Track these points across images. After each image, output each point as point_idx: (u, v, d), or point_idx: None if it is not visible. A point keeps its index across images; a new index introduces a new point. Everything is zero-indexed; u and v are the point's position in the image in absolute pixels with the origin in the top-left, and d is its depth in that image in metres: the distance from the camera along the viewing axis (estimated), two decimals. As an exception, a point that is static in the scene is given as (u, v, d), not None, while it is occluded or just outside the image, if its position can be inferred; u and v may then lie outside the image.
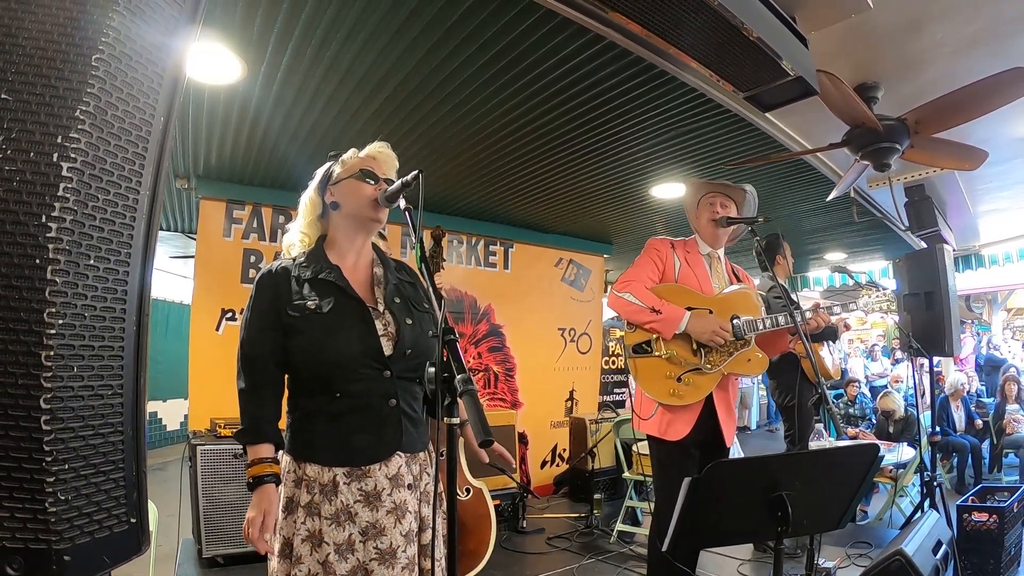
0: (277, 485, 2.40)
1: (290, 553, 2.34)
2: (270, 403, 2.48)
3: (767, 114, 4.64)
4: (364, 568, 2.32)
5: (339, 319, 2.46)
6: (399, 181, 2.40)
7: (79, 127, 1.23)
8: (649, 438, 3.91)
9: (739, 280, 4.20)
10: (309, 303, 2.44)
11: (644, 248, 4.12)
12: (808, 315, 4.12)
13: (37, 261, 1.18)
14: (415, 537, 2.47)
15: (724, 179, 4.21)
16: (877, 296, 4.35)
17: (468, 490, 5.02)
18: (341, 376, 2.41)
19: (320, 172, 2.71)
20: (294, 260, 2.58)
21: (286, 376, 2.54)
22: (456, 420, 1.89)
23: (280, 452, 2.49)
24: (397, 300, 2.61)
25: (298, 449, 2.44)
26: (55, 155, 1.21)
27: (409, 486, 2.49)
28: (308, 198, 2.68)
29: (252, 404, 2.46)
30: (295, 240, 2.66)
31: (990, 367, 14.71)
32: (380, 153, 2.70)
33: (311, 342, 2.41)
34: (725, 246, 4.23)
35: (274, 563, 2.38)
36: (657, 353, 3.80)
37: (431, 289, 2.16)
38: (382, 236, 2.88)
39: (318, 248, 2.62)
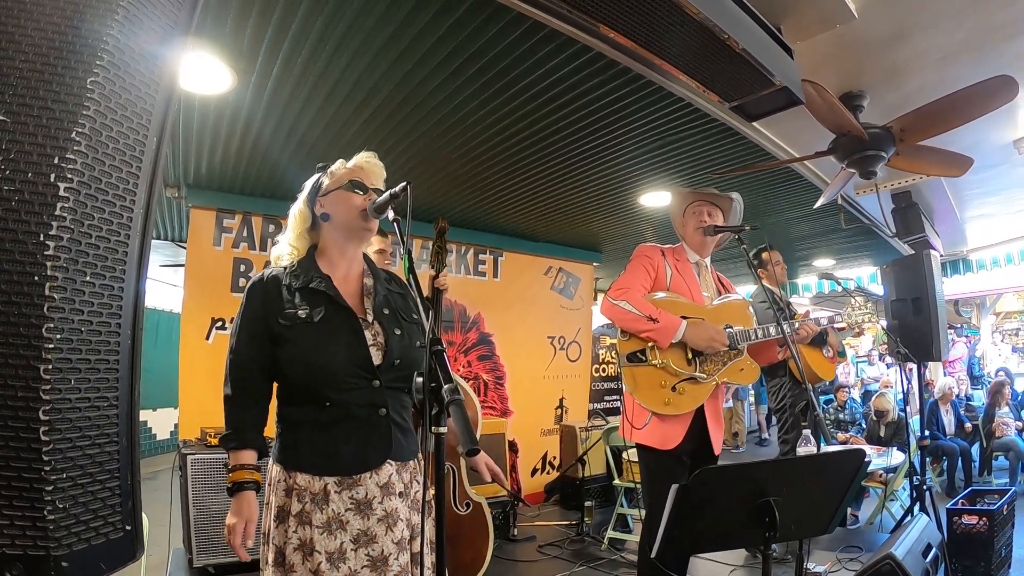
0: (257, 492, 2.43)
1: (283, 562, 2.33)
2: (254, 410, 2.50)
3: (753, 123, 4.68)
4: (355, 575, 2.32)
5: (328, 328, 2.46)
6: (388, 192, 2.41)
7: (75, 148, 1.26)
8: (639, 447, 3.91)
9: (725, 289, 4.22)
10: (299, 312, 2.44)
11: (634, 255, 4.10)
12: (796, 325, 4.17)
13: (36, 278, 1.21)
14: (407, 545, 2.47)
15: (711, 187, 4.23)
16: (860, 310, 4.39)
17: (468, 504, 5.02)
18: (330, 385, 2.41)
19: (309, 184, 2.71)
20: (285, 269, 2.58)
21: (275, 385, 2.55)
22: (444, 429, 1.90)
23: (266, 460, 2.49)
24: (386, 311, 2.62)
25: (287, 459, 2.43)
26: (52, 175, 1.24)
27: (400, 494, 2.49)
28: (297, 210, 2.68)
29: (236, 410, 2.48)
30: (283, 252, 2.67)
31: (972, 377, 14.80)
32: (367, 163, 2.72)
33: (300, 351, 2.41)
34: (711, 253, 4.24)
35: (268, 573, 2.36)
36: (652, 362, 3.79)
37: (419, 299, 2.18)
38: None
39: (309, 257, 2.62)
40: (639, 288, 3.89)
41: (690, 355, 3.83)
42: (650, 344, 3.80)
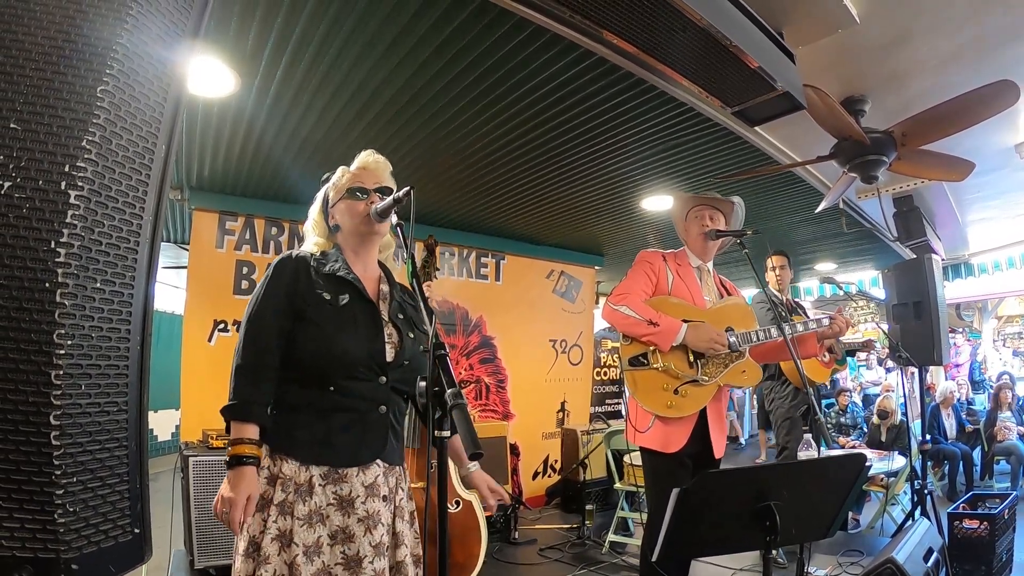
0: (257, 468, 2.35)
1: (255, 552, 2.31)
2: (266, 385, 2.43)
3: (756, 127, 4.69)
4: (329, 572, 2.32)
5: (351, 316, 2.50)
6: (391, 197, 2.43)
7: (86, 156, 1.28)
8: (643, 450, 3.92)
9: (728, 293, 4.23)
10: (325, 295, 2.48)
11: (636, 260, 4.12)
12: (826, 321, 4.18)
13: (47, 285, 1.23)
14: (385, 551, 2.47)
15: (712, 191, 4.24)
16: (861, 310, 4.43)
17: (458, 502, 5.02)
18: (341, 372, 2.43)
19: (319, 197, 2.77)
20: (311, 254, 2.61)
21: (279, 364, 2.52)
22: (446, 433, 1.91)
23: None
24: (400, 316, 2.66)
25: (278, 441, 2.41)
26: (63, 183, 1.26)
27: (384, 497, 2.51)
28: (313, 221, 2.75)
29: (248, 382, 2.41)
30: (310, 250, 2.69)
31: (973, 382, 14.80)
32: (369, 162, 2.74)
33: (320, 333, 2.43)
34: (714, 257, 4.25)
35: (238, 563, 2.32)
36: (654, 365, 3.80)
37: (424, 304, 2.19)
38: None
39: (336, 249, 2.67)
40: (639, 293, 3.91)
41: (691, 358, 3.84)
42: (652, 348, 3.81)
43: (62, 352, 1.23)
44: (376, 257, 2.80)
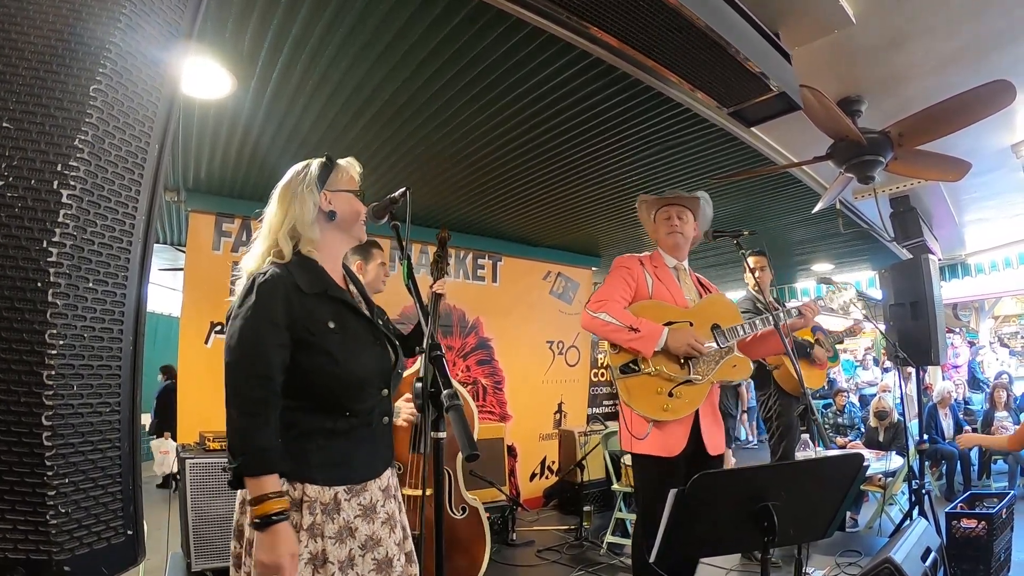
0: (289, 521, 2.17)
1: None
2: (274, 424, 2.20)
3: (752, 128, 4.68)
4: None
5: (356, 339, 2.42)
6: (387, 197, 2.41)
7: (78, 156, 1.28)
8: (641, 456, 3.87)
9: (706, 290, 4.23)
10: (330, 323, 2.34)
11: (613, 267, 4.11)
12: (794, 314, 4.17)
13: (39, 284, 1.23)
14: (403, 543, 2.49)
15: (677, 190, 4.23)
16: (841, 293, 4.41)
17: (464, 509, 5.00)
18: (355, 396, 2.36)
19: (314, 170, 2.59)
20: (289, 271, 2.36)
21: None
22: (442, 434, 1.91)
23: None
24: (380, 321, 2.62)
25: (294, 469, 2.25)
26: (55, 183, 1.25)
27: (393, 496, 2.52)
28: (300, 195, 2.54)
29: (260, 430, 2.15)
30: (284, 246, 2.46)
31: (973, 380, 14.82)
32: (353, 169, 2.66)
33: (331, 361, 2.29)
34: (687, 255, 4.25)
35: None
36: (646, 371, 3.78)
37: (419, 305, 2.18)
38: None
39: (310, 259, 2.47)
40: (619, 299, 3.90)
41: (682, 359, 3.84)
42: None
43: (54, 352, 1.23)
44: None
